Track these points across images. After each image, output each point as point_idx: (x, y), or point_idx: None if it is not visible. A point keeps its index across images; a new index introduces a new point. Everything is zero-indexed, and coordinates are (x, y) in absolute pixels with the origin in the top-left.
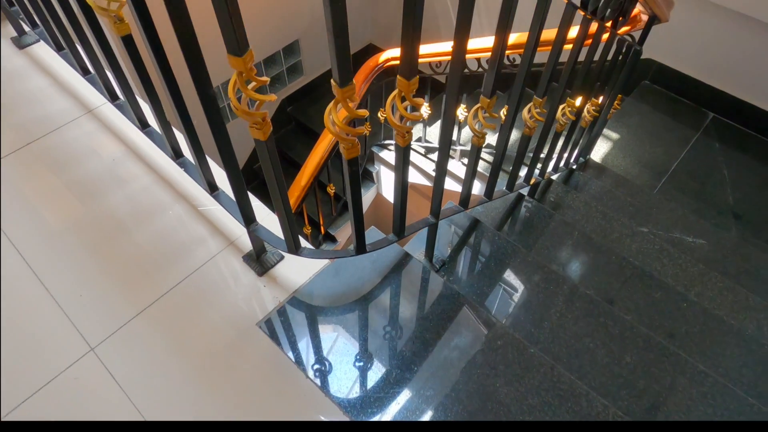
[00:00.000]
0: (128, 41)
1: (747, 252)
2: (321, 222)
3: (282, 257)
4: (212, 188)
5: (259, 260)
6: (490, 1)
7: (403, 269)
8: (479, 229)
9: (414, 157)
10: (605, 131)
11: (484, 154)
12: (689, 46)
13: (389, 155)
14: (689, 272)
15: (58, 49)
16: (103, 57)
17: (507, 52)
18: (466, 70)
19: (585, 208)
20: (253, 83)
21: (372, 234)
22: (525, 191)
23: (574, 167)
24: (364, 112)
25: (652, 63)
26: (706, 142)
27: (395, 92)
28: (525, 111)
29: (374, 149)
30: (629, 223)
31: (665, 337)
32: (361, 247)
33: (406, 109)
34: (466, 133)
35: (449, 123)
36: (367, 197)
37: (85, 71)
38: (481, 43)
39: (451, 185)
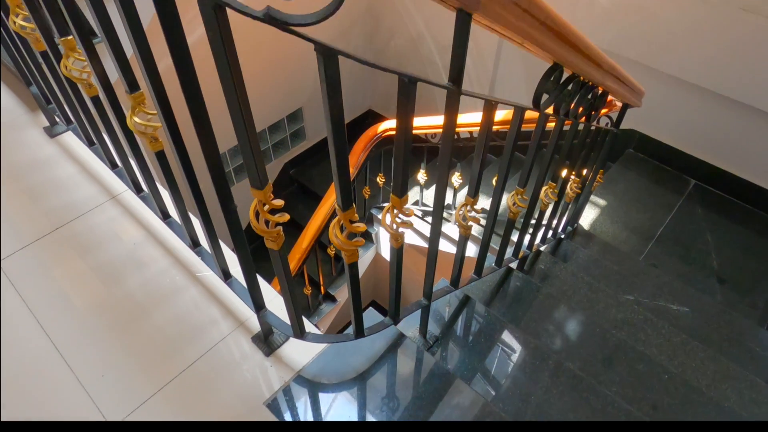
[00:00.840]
0: (161, 155)
1: (730, 318)
2: (321, 282)
3: (288, 337)
4: (226, 276)
5: (267, 341)
6: (481, 74)
7: (398, 348)
8: (470, 305)
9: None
10: (593, 198)
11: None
12: (668, 119)
13: (388, 217)
14: (672, 342)
15: (89, 144)
16: (131, 154)
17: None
18: (459, 143)
19: (572, 279)
20: (267, 206)
21: (370, 316)
22: (514, 264)
23: (562, 236)
24: (362, 227)
25: (634, 133)
26: (690, 208)
27: (388, 205)
28: (508, 199)
29: (373, 211)
30: (615, 292)
31: (649, 410)
32: (359, 332)
33: (397, 218)
34: (462, 196)
35: (437, 219)
36: (367, 257)
37: (113, 165)
38: (470, 118)
39: (446, 247)
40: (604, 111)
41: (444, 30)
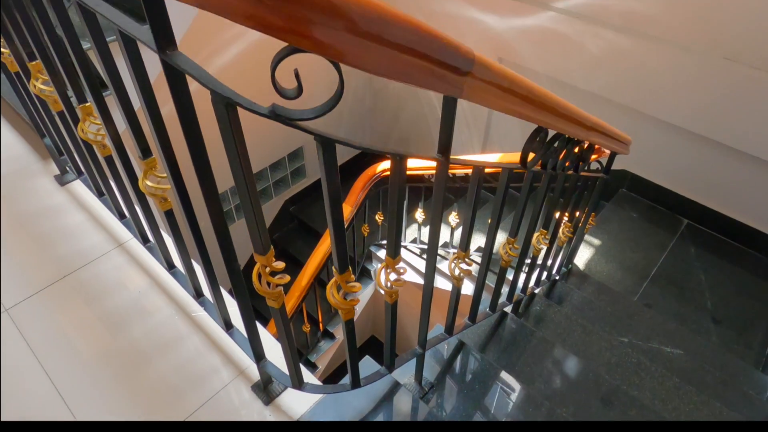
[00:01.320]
0: (169, 214)
1: (724, 360)
2: (320, 319)
3: (287, 387)
4: (228, 326)
5: (266, 390)
6: (478, 118)
7: (394, 396)
8: (464, 350)
9: (408, 256)
10: (588, 237)
11: (473, 258)
12: (658, 161)
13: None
14: (666, 386)
15: (99, 194)
16: (139, 207)
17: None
18: (456, 184)
19: (566, 322)
20: (269, 269)
21: (366, 364)
22: (509, 308)
23: (557, 278)
24: (358, 287)
25: (626, 173)
26: (683, 247)
27: (383, 264)
28: (500, 248)
29: (372, 249)
30: (609, 334)
31: None
32: (356, 383)
33: (390, 277)
34: (458, 234)
35: (429, 281)
36: (366, 293)
37: (121, 215)
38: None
39: (443, 284)
40: (594, 156)
41: None
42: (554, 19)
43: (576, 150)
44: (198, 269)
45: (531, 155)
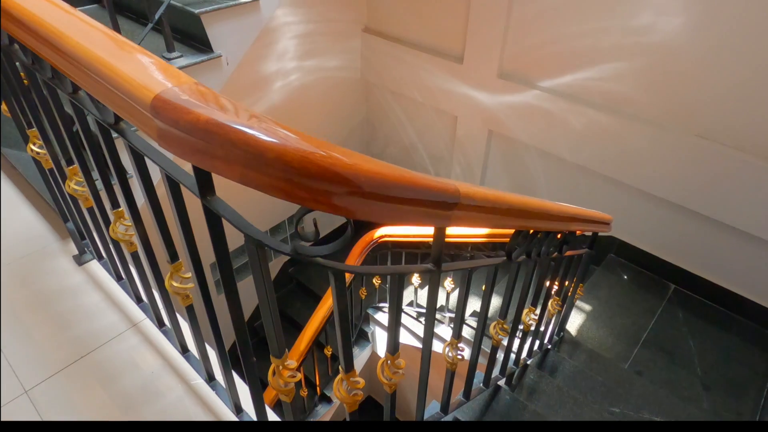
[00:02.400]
0: (190, 308)
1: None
2: (318, 383)
3: None
4: (238, 410)
5: None
6: (469, 181)
7: None
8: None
9: (405, 319)
10: (579, 303)
11: (469, 319)
12: (642, 228)
13: (383, 317)
14: None
15: (118, 278)
16: (158, 290)
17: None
18: (451, 251)
19: (558, 394)
20: (283, 369)
21: None
22: (502, 381)
23: (549, 347)
24: (362, 384)
25: (614, 239)
26: (671, 312)
27: (382, 359)
28: (491, 328)
29: (369, 311)
30: (601, 405)
31: None
32: None
33: (389, 369)
34: (454, 297)
35: (426, 358)
36: (363, 356)
37: (138, 299)
38: (458, 230)
39: (438, 347)
40: (578, 232)
41: (435, 141)
42: (540, 97)
43: (559, 236)
44: (211, 353)
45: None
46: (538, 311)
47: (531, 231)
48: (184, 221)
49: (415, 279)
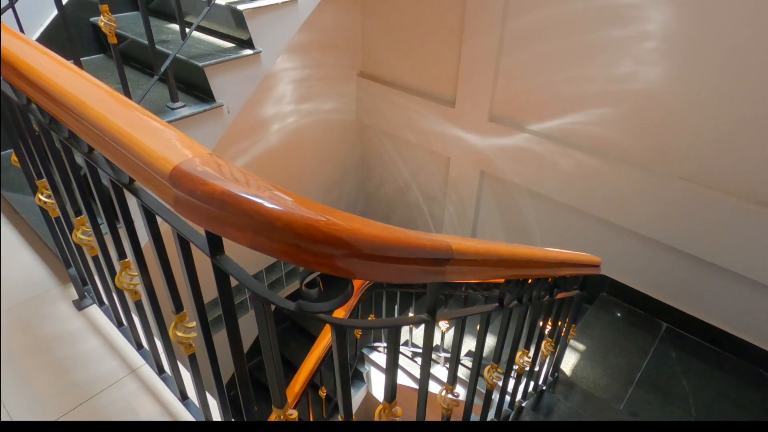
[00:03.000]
0: (192, 357)
1: None
2: None
3: None
4: None
5: None
6: (463, 220)
7: None
8: None
9: (400, 359)
10: (573, 343)
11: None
12: (633, 267)
13: (378, 356)
14: None
15: (119, 324)
16: (159, 337)
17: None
18: (445, 291)
19: None
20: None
21: None
22: None
23: (544, 388)
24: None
25: (605, 278)
26: (664, 351)
27: (380, 407)
28: (485, 372)
29: (365, 351)
30: None
31: None
32: None
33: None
34: (449, 336)
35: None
36: (358, 396)
37: (138, 345)
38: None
39: (433, 388)
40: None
41: (429, 181)
42: (529, 140)
43: (549, 279)
44: (210, 401)
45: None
46: (531, 353)
47: (521, 278)
48: (193, 278)
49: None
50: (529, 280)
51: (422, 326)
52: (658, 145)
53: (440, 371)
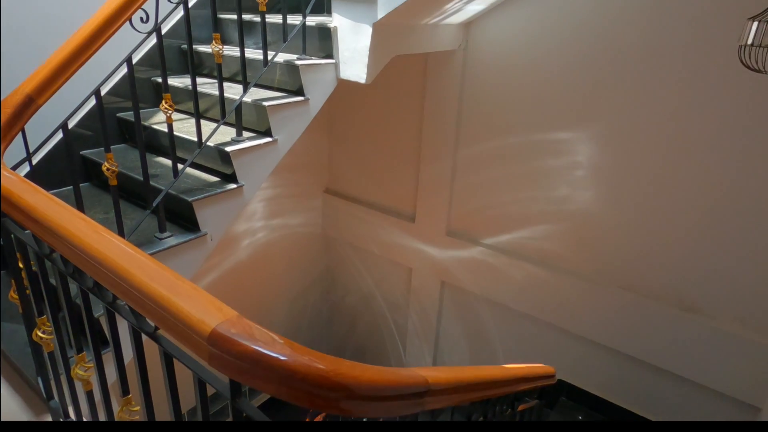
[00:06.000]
0: None
1: None
2: None
3: None
4: None
5: None
6: (428, 330)
7: None
8: None
9: None
10: None
11: None
12: (586, 372)
13: None
14: None
15: None
16: None
17: None
18: None
19: None
20: None
21: None
22: None
23: None
24: None
25: (563, 383)
26: None
27: None
28: None
29: None
30: None
31: None
32: None
33: None
34: None
35: None
36: None
37: None
38: None
39: None
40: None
41: (392, 290)
42: (484, 253)
43: (512, 395)
44: None
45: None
46: None
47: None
48: (206, 416)
49: None
50: (492, 398)
51: None
52: (597, 258)
53: None
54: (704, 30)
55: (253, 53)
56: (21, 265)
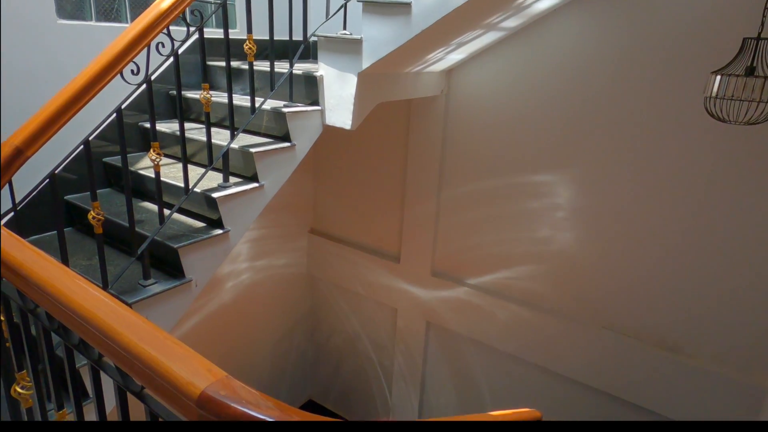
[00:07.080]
0: None
1: None
2: None
3: None
4: None
5: None
6: (414, 372)
7: None
8: None
9: None
10: None
11: None
12: (571, 413)
13: None
14: None
15: None
16: None
17: None
18: None
19: None
20: None
21: None
22: None
23: None
24: None
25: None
26: None
27: None
28: None
29: None
30: None
31: None
32: None
33: None
34: None
35: None
36: None
37: None
38: None
39: None
40: None
41: (377, 331)
42: (468, 293)
43: None
44: None
45: None
46: None
47: None
48: None
49: None
50: None
51: None
52: (579, 298)
53: None
54: (671, 80)
55: (241, 99)
56: (2, 318)
